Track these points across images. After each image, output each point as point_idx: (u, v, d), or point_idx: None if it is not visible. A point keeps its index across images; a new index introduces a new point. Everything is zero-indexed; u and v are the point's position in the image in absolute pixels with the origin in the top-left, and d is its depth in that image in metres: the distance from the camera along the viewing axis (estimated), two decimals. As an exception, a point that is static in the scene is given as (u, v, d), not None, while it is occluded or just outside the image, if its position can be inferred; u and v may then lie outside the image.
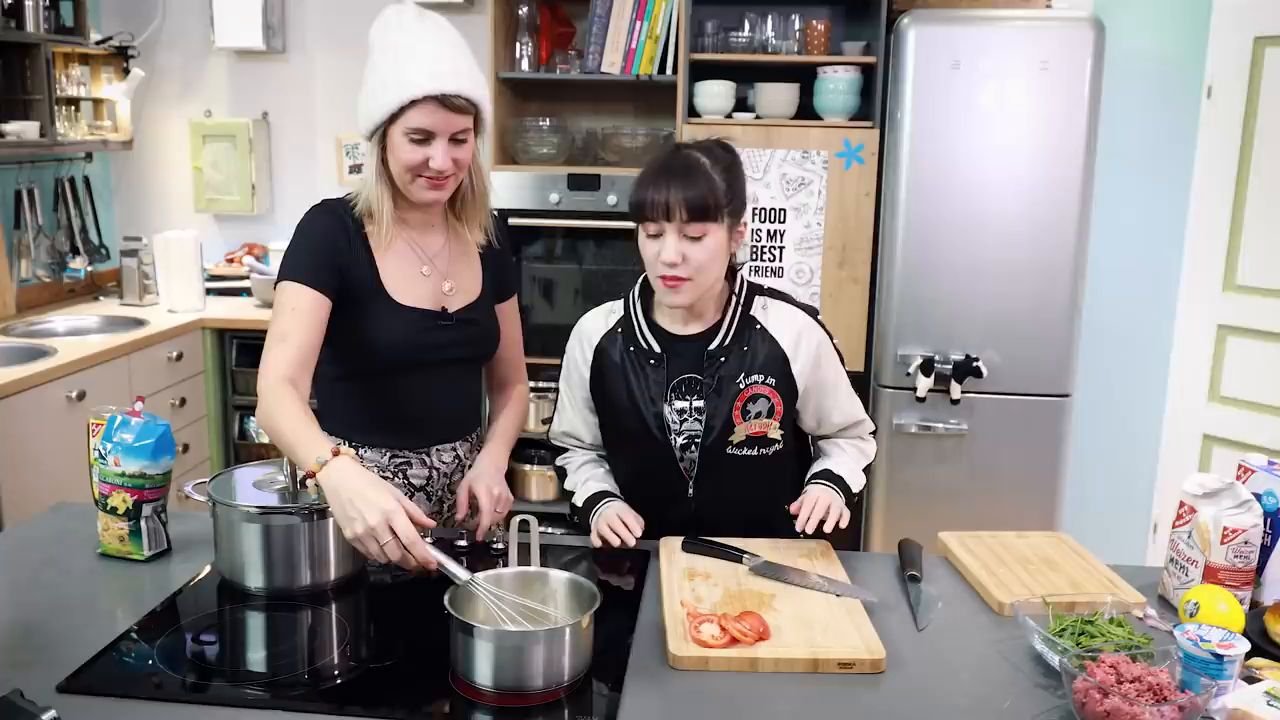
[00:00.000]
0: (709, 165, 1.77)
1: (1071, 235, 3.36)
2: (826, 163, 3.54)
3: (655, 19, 3.62)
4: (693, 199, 1.73)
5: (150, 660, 1.43)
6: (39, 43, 3.69)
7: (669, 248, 1.74)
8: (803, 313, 1.90)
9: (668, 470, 1.87)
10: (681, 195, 1.72)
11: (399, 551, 1.46)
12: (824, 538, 1.80)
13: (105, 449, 1.70)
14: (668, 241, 1.74)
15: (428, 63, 1.73)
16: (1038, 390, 3.46)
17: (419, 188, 1.81)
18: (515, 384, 2.12)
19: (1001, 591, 1.63)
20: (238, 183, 4.34)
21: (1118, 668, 1.29)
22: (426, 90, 1.72)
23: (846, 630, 1.49)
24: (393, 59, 1.75)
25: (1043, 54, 3.29)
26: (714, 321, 1.87)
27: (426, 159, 1.76)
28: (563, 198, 3.66)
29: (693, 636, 1.44)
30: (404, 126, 1.74)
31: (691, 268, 1.75)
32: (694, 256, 1.74)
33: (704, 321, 1.87)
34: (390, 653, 1.48)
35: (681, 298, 1.79)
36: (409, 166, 1.77)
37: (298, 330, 1.74)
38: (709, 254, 1.76)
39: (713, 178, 1.76)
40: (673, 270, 1.75)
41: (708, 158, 1.79)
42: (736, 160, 1.84)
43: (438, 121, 1.74)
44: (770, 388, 1.83)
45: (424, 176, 1.79)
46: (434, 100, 1.72)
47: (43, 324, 3.81)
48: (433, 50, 1.74)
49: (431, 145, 1.76)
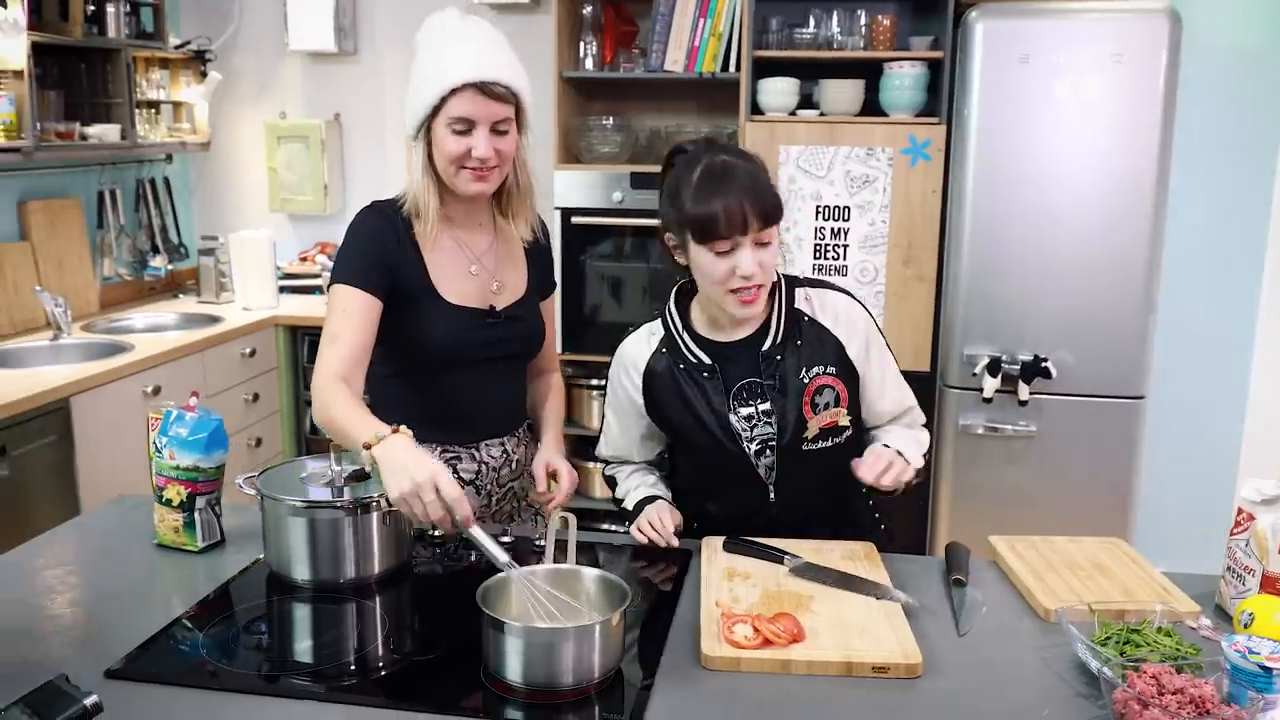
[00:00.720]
0: (752, 167, 1.76)
1: (1146, 231, 3.26)
2: (892, 160, 3.49)
3: (719, 16, 3.60)
4: (765, 204, 1.70)
5: (197, 649, 1.47)
6: (120, 48, 3.82)
7: (747, 260, 1.69)
8: (844, 295, 1.88)
9: (746, 478, 1.84)
10: (754, 201, 1.69)
11: (440, 511, 1.50)
12: (889, 497, 1.79)
13: (161, 443, 1.75)
14: (744, 255, 1.69)
15: (467, 54, 1.77)
16: (1110, 392, 3.37)
17: (464, 180, 1.83)
18: (549, 372, 2.16)
19: (1048, 597, 1.59)
20: (310, 183, 4.44)
21: (1159, 679, 1.25)
22: (465, 78, 1.75)
23: (884, 634, 1.47)
24: (434, 57, 1.79)
25: (1116, 47, 3.20)
26: (762, 323, 1.84)
27: (469, 149, 1.79)
28: (626, 196, 3.66)
29: (726, 637, 1.43)
30: (446, 118, 1.78)
31: (766, 274, 1.73)
32: (767, 263, 1.73)
33: (749, 324, 1.84)
34: (432, 646, 1.50)
35: (756, 309, 1.78)
36: (452, 158, 1.80)
37: (349, 331, 1.79)
38: (774, 256, 1.75)
39: (764, 177, 1.75)
40: (751, 283, 1.71)
41: (743, 160, 1.77)
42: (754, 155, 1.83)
43: (478, 110, 1.77)
44: (832, 376, 1.82)
45: (468, 168, 1.81)
46: (473, 88, 1.76)
47: (123, 320, 3.93)
48: (473, 45, 1.78)
49: (473, 135, 1.79)
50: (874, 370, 1.86)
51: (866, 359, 1.85)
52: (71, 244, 3.92)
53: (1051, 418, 3.40)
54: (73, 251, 3.92)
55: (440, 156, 1.82)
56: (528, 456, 2.06)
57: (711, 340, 1.86)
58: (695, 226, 1.71)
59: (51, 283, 3.75)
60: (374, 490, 1.66)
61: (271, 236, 4.21)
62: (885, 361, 1.89)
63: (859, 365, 1.84)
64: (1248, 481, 1.60)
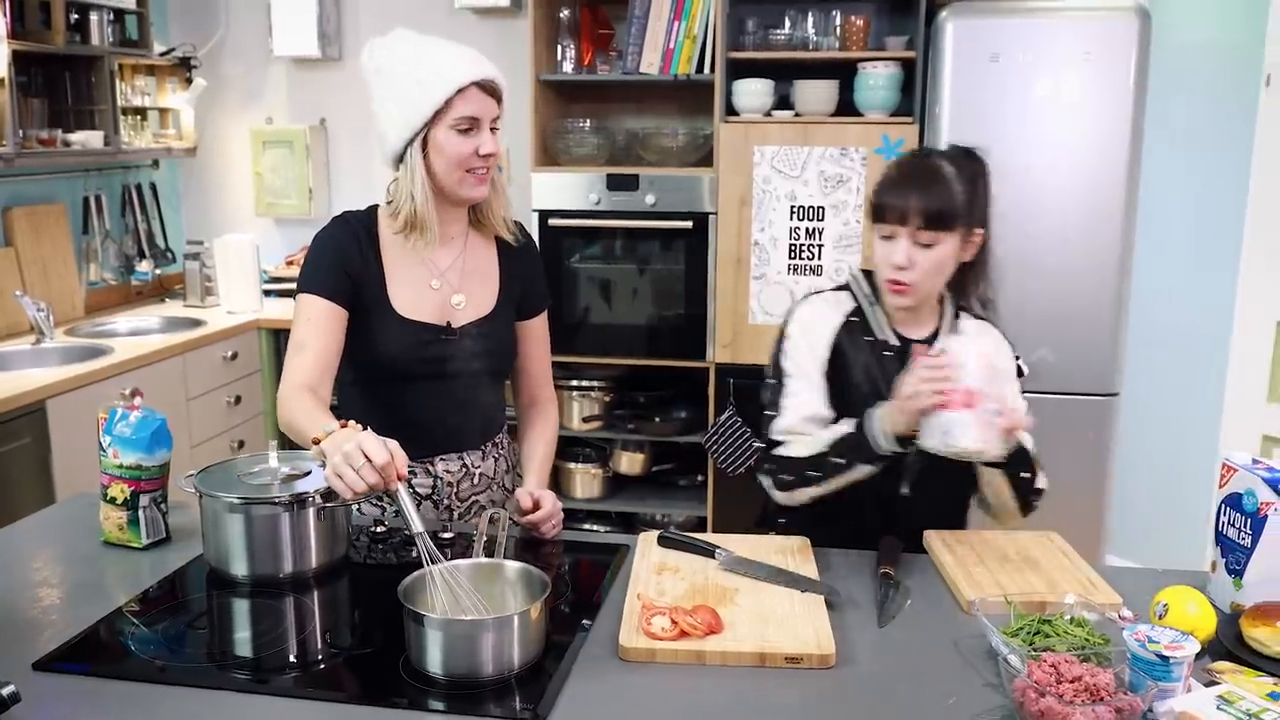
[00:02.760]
0: (952, 174, 1.79)
1: (1118, 229, 3.27)
2: (865, 159, 3.50)
3: (693, 18, 3.62)
4: (930, 206, 1.75)
5: (131, 642, 1.49)
6: (103, 55, 3.86)
7: (899, 251, 1.77)
8: (997, 333, 1.94)
9: (890, 472, 1.82)
10: (920, 202, 1.75)
11: (374, 475, 1.51)
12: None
13: (105, 442, 1.78)
14: (899, 245, 1.78)
15: (462, 56, 1.81)
16: (1084, 389, 3.38)
17: (468, 184, 1.86)
18: (542, 402, 2.14)
19: (971, 589, 1.60)
20: (296, 187, 4.48)
21: (1059, 667, 1.27)
22: (470, 77, 1.79)
23: (801, 625, 1.48)
24: (416, 64, 1.80)
25: (1086, 45, 3.22)
26: (933, 328, 1.89)
27: (475, 148, 1.82)
28: (602, 198, 3.69)
29: (643, 628, 1.45)
30: (450, 120, 1.80)
31: (917, 273, 1.78)
32: (922, 263, 1.77)
33: (924, 326, 1.90)
34: (369, 640, 1.53)
35: (904, 300, 1.83)
36: (460, 160, 1.82)
37: (314, 338, 1.83)
38: (936, 262, 1.79)
39: (954, 187, 1.78)
40: (899, 274, 1.78)
41: (952, 165, 1.81)
42: (982, 170, 1.85)
43: (483, 108, 1.82)
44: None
45: (472, 171, 1.84)
46: (476, 86, 1.80)
47: (107, 325, 3.97)
48: (460, 48, 1.83)
49: (479, 133, 1.82)
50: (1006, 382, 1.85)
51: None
52: (56, 250, 3.96)
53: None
54: (58, 257, 3.97)
55: (444, 162, 1.83)
56: (496, 470, 2.07)
57: (898, 330, 1.90)
58: (870, 206, 1.84)
59: (36, 289, 3.80)
60: (310, 487, 1.68)
61: (256, 240, 4.25)
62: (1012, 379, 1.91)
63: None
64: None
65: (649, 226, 3.67)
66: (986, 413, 1.63)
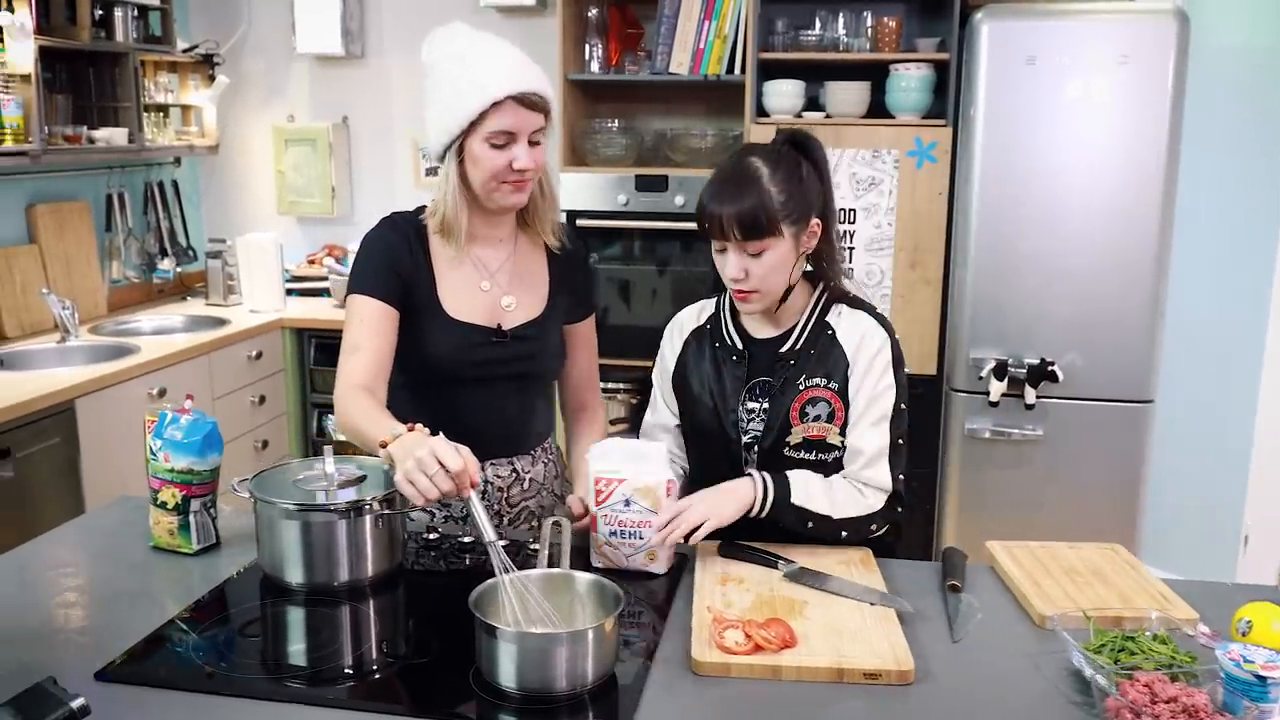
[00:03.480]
0: (767, 175, 1.73)
1: (1154, 234, 3.24)
2: (898, 162, 3.48)
3: (724, 18, 3.60)
4: (744, 217, 1.71)
5: (189, 651, 1.47)
6: (127, 51, 3.83)
7: (731, 263, 1.76)
8: (872, 319, 1.85)
9: (732, 466, 1.86)
10: (734, 213, 1.71)
11: (448, 482, 1.49)
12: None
13: (155, 445, 1.75)
14: (730, 258, 1.76)
15: (504, 67, 1.76)
16: (1118, 396, 3.35)
17: (503, 194, 1.83)
18: (590, 407, 2.11)
19: (1044, 603, 1.57)
20: (318, 185, 4.45)
21: (1153, 687, 1.24)
22: (507, 90, 1.74)
23: (877, 640, 1.45)
24: (461, 68, 1.77)
25: (1123, 48, 3.19)
26: (790, 326, 1.86)
27: (509, 162, 1.78)
28: (630, 199, 3.66)
29: (716, 642, 1.43)
30: (485, 132, 1.76)
31: (755, 281, 1.76)
32: (755, 271, 1.75)
33: (781, 326, 1.87)
34: (425, 650, 1.49)
35: (752, 307, 1.83)
36: (493, 173, 1.79)
37: (368, 339, 1.81)
38: (769, 268, 1.76)
39: (767, 190, 1.71)
40: (738, 285, 1.78)
41: (767, 165, 1.74)
42: (802, 160, 1.78)
43: (519, 121, 1.77)
44: (832, 392, 1.81)
45: (508, 182, 1.81)
46: (513, 100, 1.75)
47: (131, 323, 3.95)
48: (507, 58, 1.78)
49: (514, 147, 1.78)
50: (860, 399, 1.80)
51: (860, 388, 1.80)
52: (79, 247, 3.94)
53: (1058, 422, 3.38)
54: (81, 255, 3.94)
55: (478, 172, 1.80)
56: (546, 475, 2.04)
57: (747, 331, 1.90)
58: (696, 222, 1.80)
59: (59, 286, 3.77)
60: (368, 493, 1.65)
61: (279, 239, 4.22)
62: (875, 396, 1.80)
63: (852, 390, 1.81)
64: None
65: (679, 228, 3.64)
66: (604, 536, 1.71)
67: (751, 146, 1.84)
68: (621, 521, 1.68)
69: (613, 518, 1.68)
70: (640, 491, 1.67)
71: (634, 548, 1.69)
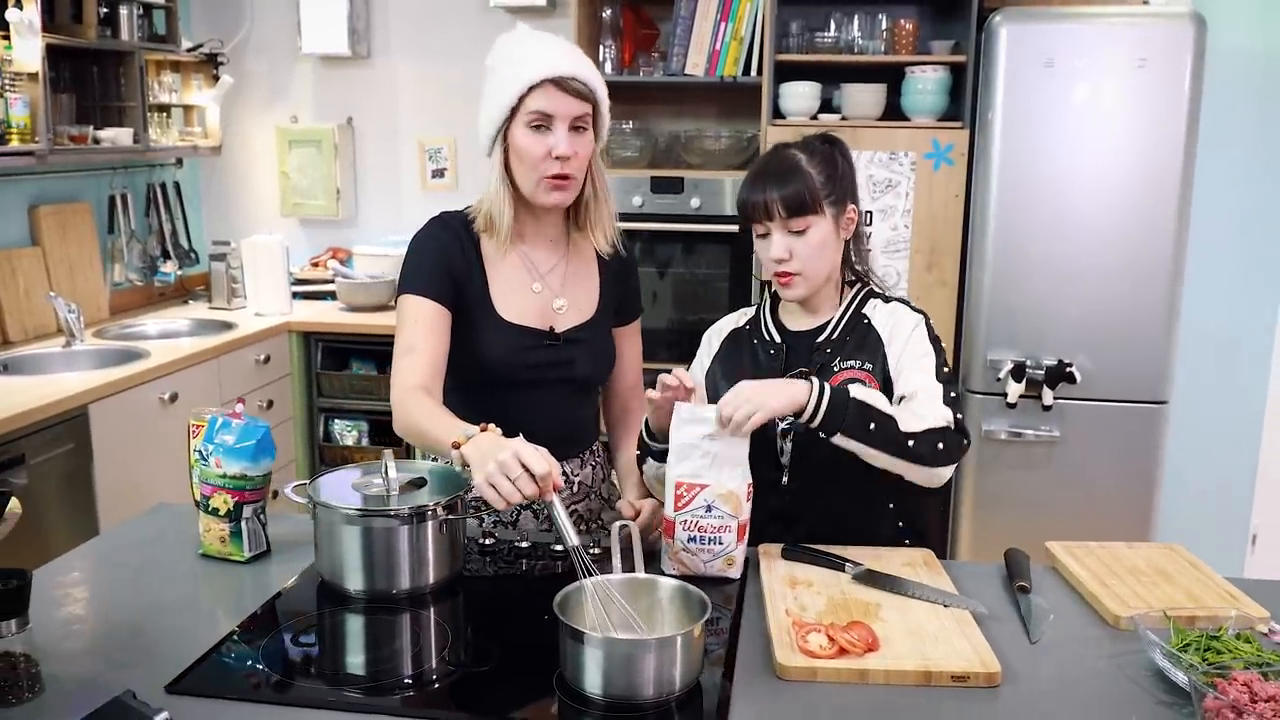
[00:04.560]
0: (805, 160, 1.83)
1: (1169, 237, 3.26)
2: (914, 164, 3.48)
3: (740, 20, 3.58)
4: (789, 195, 1.79)
5: (254, 662, 1.43)
6: (133, 50, 3.78)
7: (776, 244, 1.81)
8: (907, 307, 1.90)
9: (767, 455, 1.85)
10: (778, 193, 1.79)
11: (531, 486, 1.47)
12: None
13: (206, 450, 1.72)
14: (774, 239, 1.82)
15: (543, 54, 1.77)
16: (1133, 397, 3.36)
17: (543, 190, 1.81)
18: (634, 412, 2.08)
19: (1116, 604, 1.57)
20: (322, 187, 4.40)
21: (1251, 686, 1.23)
22: (543, 74, 1.75)
23: (958, 641, 1.44)
24: (504, 64, 1.80)
25: (1140, 51, 3.20)
26: (829, 318, 1.90)
27: (548, 148, 1.77)
28: (645, 201, 3.64)
29: (800, 646, 1.41)
30: (524, 115, 1.77)
31: (799, 262, 1.81)
32: (799, 251, 1.81)
33: (819, 318, 1.91)
34: (489, 656, 1.47)
35: (795, 291, 1.85)
36: (533, 161, 1.78)
37: (423, 339, 1.79)
38: (814, 246, 1.81)
39: (808, 172, 1.81)
40: (782, 265, 1.82)
41: (805, 153, 1.85)
42: (836, 151, 1.87)
43: (557, 104, 1.76)
44: (868, 373, 1.83)
45: (548, 178, 1.79)
46: (550, 83, 1.76)
47: (135, 327, 3.89)
48: (549, 47, 1.80)
49: (552, 133, 1.77)
50: (906, 365, 1.82)
51: (900, 356, 1.83)
52: (82, 249, 3.88)
53: (1075, 423, 3.39)
54: (83, 257, 3.88)
55: (519, 161, 1.80)
56: (594, 478, 2.02)
57: (786, 327, 1.93)
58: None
59: (63, 288, 3.71)
60: (430, 498, 1.63)
61: (283, 241, 4.17)
62: (918, 358, 1.81)
63: (892, 362, 1.83)
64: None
65: (694, 230, 3.62)
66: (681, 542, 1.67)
67: (784, 143, 1.90)
68: (702, 527, 1.65)
69: (692, 523, 1.65)
70: (723, 497, 1.64)
71: (713, 554, 1.66)
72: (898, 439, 1.68)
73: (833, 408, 1.65)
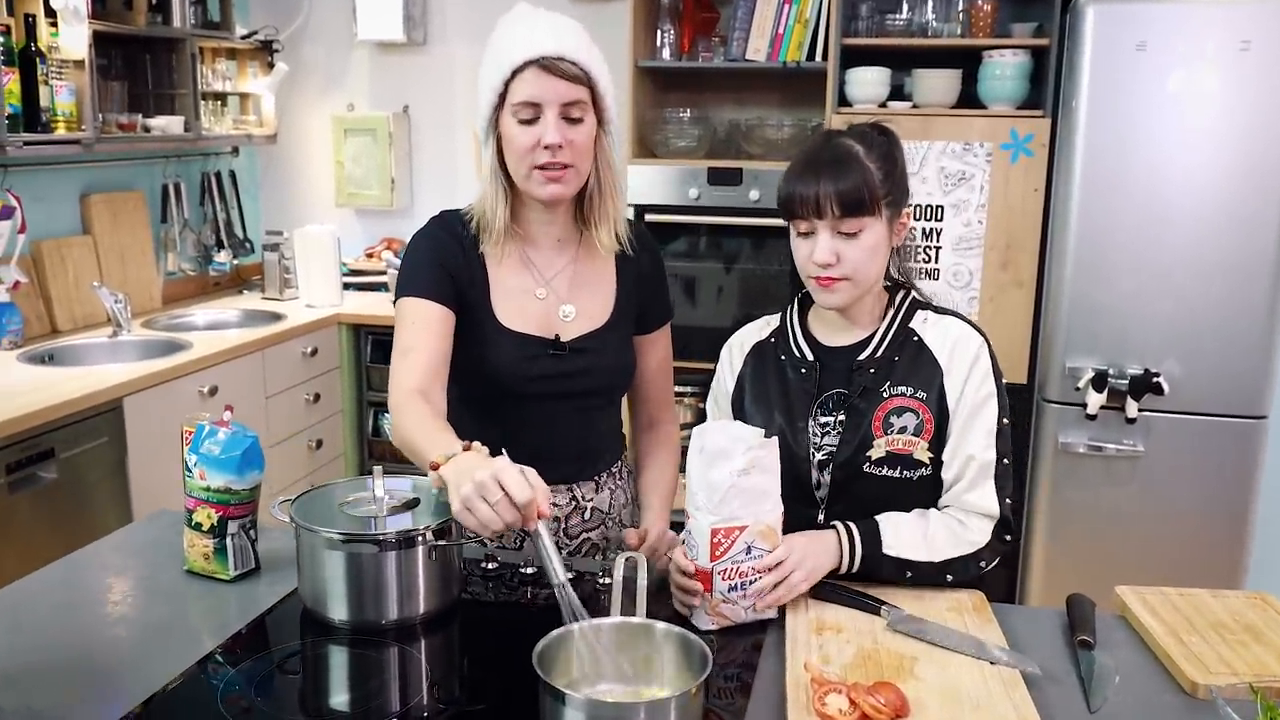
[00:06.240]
0: (863, 153, 1.59)
1: (1272, 235, 2.99)
2: (990, 155, 3.24)
3: (805, 2, 3.39)
4: (846, 192, 1.55)
5: (227, 693, 1.31)
6: (184, 38, 3.72)
7: (822, 247, 1.57)
8: (966, 324, 1.68)
9: (800, 489, 1.66)
10: (833, 188, 1.55)
11: (512, 512, 1.29)
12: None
13: (191, 461, 1.60)
14: (820, 240, 1.58)
15: (527, 34, 1.60)
16: (1228, 410, 3.10)
17: (536, 182, 1.65)
18: (662, 423, 1.91)
19: (1195, 667, 1.36)
20: (377, 177, 4.31)
21: (1353, 788, 1.03)
22: (527, 55, 1.58)
23: (1002, 707, 1.25)
24: (494, 48, 1.64)
25: (1243, 33, 2.93)
26: (870, 332, 1.67)
27: (538, 139, 1.60)
28: (702, 193, 3.47)
29: (817, 709, 1.23)
30: (511, 105, 1.61)
31: (848, 267, 1.58)
32: (849, 255, 1.58)
33: (860, 331, 1.68)
34: (484, 693, 1.33)
35: (837, 298, 1.62)
36: (522, 153, 1.62)
37: (421, 340, 1.64)
38: (866, 252, 1.58)
39: (867, 167, 1.57)
40: (826, 271, 1.59)
41: (861, 144, 1.61)
42: (895, 145, 1.65)
43: (543, 90, 1.59)
44: (920, 402, 1.61)
45: (540, 168, 1.63)
46: (535, 66, 1.59)
47: (184, 317, 3.84)
48: (536, 25, 1.62)
49: (541, 122, 1.60)
50: (961, 411, 1.61)
51: (960, 396, 1.61)
52: (134, 238, 3.83)
53: (1161, 437, 3.14)
54: (135, 246, 3.84)
55: (510, 154, 1.64)
56: (612, 503, 1.86)
57: (819, 341, 1.70)
58: (779, 202, 1.63)
59: (114, 278, 3.67)
60: (420, 522, 1.48)
61: (336, 232, 4.09)
62: (977, 407, 1.61)
63: (951, 400, 1.62)
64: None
65: (753, 224, 3.44)
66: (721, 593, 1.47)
67: (834, 130, 1.68)
68: (743, 573, 1.46)
69: (732, 570, 1.46)
70: (761, 534, 1.46)
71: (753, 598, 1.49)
72: (934, 577, 1.58)
73: (867, 563, 1.56)
